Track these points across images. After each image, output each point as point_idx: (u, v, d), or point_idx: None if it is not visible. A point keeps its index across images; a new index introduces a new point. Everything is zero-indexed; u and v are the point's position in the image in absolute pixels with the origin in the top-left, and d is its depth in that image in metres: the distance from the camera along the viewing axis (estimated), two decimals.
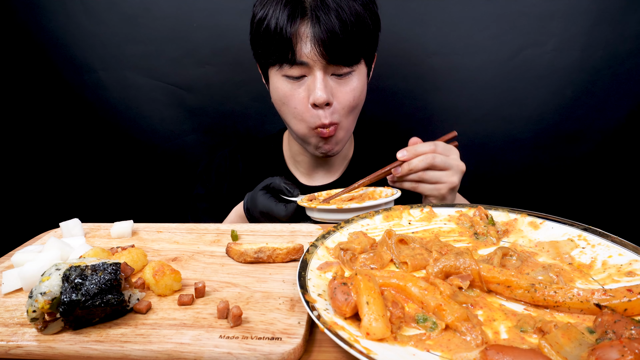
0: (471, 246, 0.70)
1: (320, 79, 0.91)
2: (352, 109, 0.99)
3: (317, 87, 0.91)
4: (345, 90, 0.95)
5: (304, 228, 0.83)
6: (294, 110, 0.97)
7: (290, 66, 0.92)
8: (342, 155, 1.19)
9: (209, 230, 0.84)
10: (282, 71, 0.94)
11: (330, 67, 0.92)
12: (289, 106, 0.97)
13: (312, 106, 0.94)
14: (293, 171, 1.22)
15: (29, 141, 1.56)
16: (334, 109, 0.95)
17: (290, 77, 0.94)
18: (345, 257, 0.65)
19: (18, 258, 0.71)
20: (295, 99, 0.95)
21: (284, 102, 0.97)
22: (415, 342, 0.47)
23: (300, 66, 0.91)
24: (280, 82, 0.96)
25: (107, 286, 0.53)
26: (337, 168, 1.20)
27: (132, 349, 0.50)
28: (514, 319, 0.51)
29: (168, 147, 1.55)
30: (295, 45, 0.89)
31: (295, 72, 0.93)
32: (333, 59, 0.90)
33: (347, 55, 0.91)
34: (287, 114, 1.00)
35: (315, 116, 0.95)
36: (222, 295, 0.61)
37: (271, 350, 0.48)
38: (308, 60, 0.90)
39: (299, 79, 0.94)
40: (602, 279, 0.59)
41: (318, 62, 0.90)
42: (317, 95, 0.91)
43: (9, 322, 0.56)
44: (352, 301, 0.50)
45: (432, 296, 0.52)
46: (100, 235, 0.85)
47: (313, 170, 1.18)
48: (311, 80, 0.93)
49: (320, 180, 1.19)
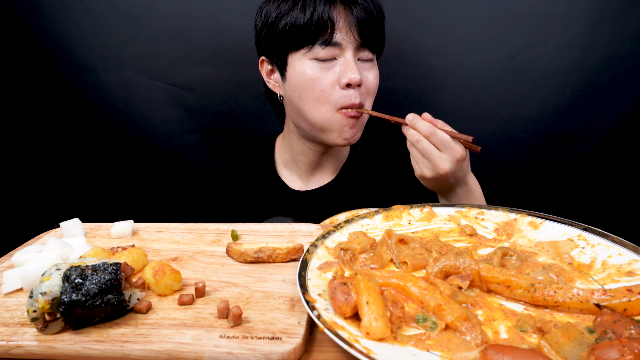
0: (471, 246, 0.70)
1: (353, 60, 0.95)
2: (373, 95, 1.02)
3: (352, 67, 0.94)
4: (370, 76, 1.00)
5: (304, 228, 0.84)
6: (320, 93, 0.96)
7: (323, 47, 0.93)
8: (340, 158, 1.18)
9: (209, 230, 0.84)
10: (312, 54, 0.94)
11: (359, 51, 0.96)
12: (314, 89, 0.96)
13: (344, 87, 0.95)
14: (285, 177, 1.19)
15: (29, 141, 1.55)
16: (362, 92, 0.98)
17: (319, 59, 0.94)
18: (345, 257, 0.65)
19: (18, 258, 0.71)
20: (323, 81, 0.95)
21: (310, 85, 0.96)
22: (415, 342, 0.47)
23: (333, 47, 0.93)
24: (307, 66, 0.95)
25: (107, 286, 0.53)
26: (334, 169, 1.19)
27: (132, 348, 0.50)
28: (513, 319, 0.51)
29: (168, 147, 1.55)
30: (331, 26, 0.92)
31: (326, 53, 0.94)
32: (365, 41, 0.95)
33: (375, 40, 0.97)
34: (309, 99, 0.97)
35: (345, 96, 0.95)
36: (222, 295, 0.61)
37: (271, 350, 0.48)
38: (342, 41, 0.93)
39: (328, 62, 0.95)
40: (602, 278, 0.59)
41: (352, 43, 0.93)
42: (352, 74, 0.93)
43: (10, 322, 0.56)
44: (352, 301, 0.50)
45: (432, 296, 0.52)
46: (100, 235, 0.85)
47: (312, 171, 1.17)
48: (343, 62, 0.95)
49: (315, 183, 1.18)
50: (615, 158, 1.41)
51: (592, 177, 1.44)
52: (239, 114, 1.50)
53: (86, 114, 1.51)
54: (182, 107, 1.50)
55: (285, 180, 1.18)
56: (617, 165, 1.41)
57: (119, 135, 1.53)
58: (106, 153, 1.57)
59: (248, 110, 1.50)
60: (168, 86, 1.47)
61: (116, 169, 1.59)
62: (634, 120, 1.35)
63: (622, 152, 1.39)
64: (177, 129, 1.53)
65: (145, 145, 1.55)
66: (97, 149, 1.56)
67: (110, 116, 1.51)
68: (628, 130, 1.36)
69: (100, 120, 1.52)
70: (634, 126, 1.36)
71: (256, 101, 1.48)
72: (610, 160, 1.41)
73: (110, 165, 1.58)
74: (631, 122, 1.35)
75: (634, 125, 1.35)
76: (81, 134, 1.54)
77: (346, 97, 0.95)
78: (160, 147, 1.55)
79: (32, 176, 1.59)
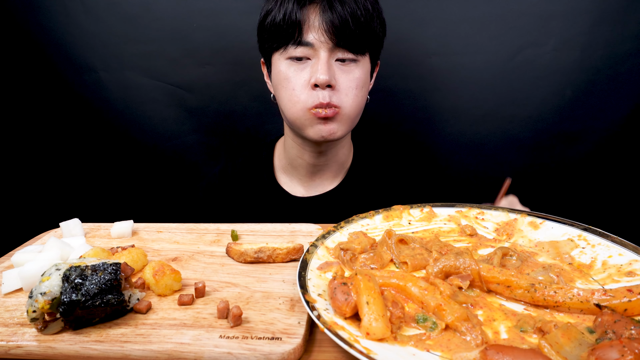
0: (471, 246, 0.70)
1: (325, 60, 0.92)
2: (354, 98, 0.98)
3: (320, 67, 0.92)
4: (348, 78, 0.96)
5: (304, 228, 0.84)
6: (291, 92, 0.96)
7: (295, 47, 0.93)
8: (341, 162, 1.15)
9: (209, 230, 0.84)
10: (286, 53, 0.94)
11: (336, 51, 0.93)
12: (286, 88, 0.96)
13: (312, 87, 0.94)
14: (284, 184, 1.16)
15: (29, 141, 1.55)
16: (335, 93, 0.95)
17: (294, 58, 0.94)
18: (345, 257, 0.65)
19: (18, 258, 0.71)
20: (295, 81, 0.95)
21: (283, 85, 0.97)
22: (415, 342, 0.47)
23: (305, 47, 0.92)
24: (282, 65, 0.96)
25: (107, 286, 0.53)
26: (336, 175, 1.16)
27: (132, 349, 0.50)
28: (514, 319, 0.51)
29: (168, 147, 1.55)
30: (302, 25, 0.91)
31: (299, 52, 0.93)
32: (340, 42, 0.92)
33: (354, 41, 0.93)
34: (284, 98, 0.98)
35: (314, 96, 0.94)
36: (222, 295, 0.61)
37: (271, 350, 0.48)
38: (314, 42, 0.91)
39: (301, 61, 0.94)
40: (602, 279, 0.59)
41: (324, 43, 0.91)
42: (319, 74, 0.91)
43: (9, 322, 0.56)
44: (352, 301, 0.50)
45: (432, 296, 0.52)
46: (100, 235, 0.85)
47: (311, 177, 1.14)
48: (315, 62, 0.93)
49: (318, 189, 1.15)
50: (615, 158, 1.41)
51: (592, 177, 1.44)
52: (239, 114, 1.50)
53: (86, 113, 1.51)
54: (182, 107, 1.50)
55: (285, 187, 1.16)
56: (617, 165, 1.41)
57: (119, 135, 1.53)
58: (106, 153, 1.57)
59: (248, 110, 1.50)
60: (168, 86, 1.47)
61: (116, 169, 1.59)
62: (634, 120, 1.35)
63: (622, 152, 1.39)
64: (177, 129, 1.53)
65: (145, 145, 1.54)
66: (97, 149, 1.56)
67: (110, 116, 1.51)
68: (628, 130, 1.36)
69: (100, 120, 1.52)
70: (634, 126, 1.36)
71: (256, 101, 1.48)
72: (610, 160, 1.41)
73: (110, 165, 1.58)
74: (631, 122, 1.35)
75: (634, 125, 1.35)
76: (81, 134, 1.54)
77: (315, 97, 0.94)
78: (160, 147, 1.54)
79: (32, 176, 1.59)
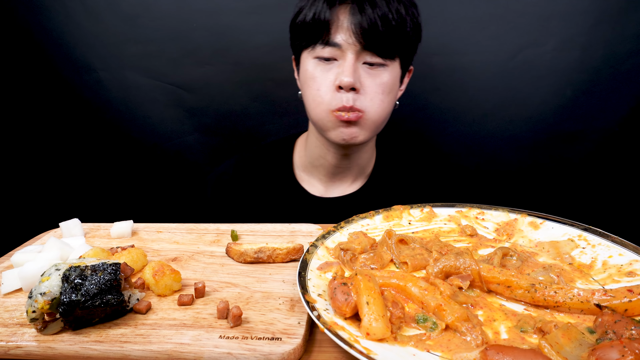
0: (471, 246, 0.70)
1: (351, 63, 0.91)
2: (380, 103, 0.96)
3: (346, 70, 0.90)
4: (375, 82, 0.94)
5: (304, 228, 0.83)
6: (316, 92, 0.95)
7: (323, 47, 0.92)
8: (362, 165, 1.13)
9: (209, 230, 0.84)
10: (314, 52, 0.94)
11: (364, 54, 0.92)
12: (311, 88, 0.96)
13: (337, 89, 0.93)
14: (303, 182, 1.15)
15: (28, 141, 1.55)
16: (360, 97, 0.94)
17: (321, 58, 0.94)
18: (345, 257, 0.65)
19: (18, 258, 0.71)
20: (320, 81, 0.94)
21: (309, 83, 0.96)
22: (415, 342, 0.47)
23: (333, 48, 0.92)
24: (309, 64, 0.96)
25: (107, 286, 0.53)
26: (357, 179, 1.14)
27: (132, 349, 0.50)
28: (514, 319, 0.51)
29: (168, 147, 1.55)
30: (331, 26, 0.90)
31: (326, 53, 0.92)
32: (368, 45, 0.90)
33: (383, 45, 0.91)
34: (309, 98, 0.98)
35: (338, 98, 0.93)
36: (222, 295, 0.61)
37: (271, 350, 0.48)
38: (342, 43, 0.90)
39: (328, 61, 0.94)
40: (603, 279, 0.59)
41: (352, 45, 0.90)
42: (344, 76, 0.90)
43: (9, 323, 0.56)
44: (352, 301, 0.50)
45: (432, 296, 0.52)
46: (100, 235, 0.85)
47: (332, 177, 1.12)
48: (341, 63, 0.92)
49: (337, 192, 1.14)
50: (615, 158, 1.41)
51: (592, 177, 1.44)
52: (239, 114, 1.50)
53: (86, 113, 1.51)
54: (182, 107, 1.50)
55: (304, 185, 1.15)
56: (617, 165, 1.41)
57: (119, 135, 1.53)
58: (106, 153, 1.57)
59: (248, 110, 1.50)
60: (168, 86, 1.47)
61: (116, 169, 1.59)
62: (634, 120, 1.35)
63: (622, 152, 1.39)
64: (177, 129, 1.53)
65: (145, 145, 1.54)
66: (97, 148, 1.56)
67: (110, 116, 1.51)
68: (628, 130, 1.37)
69: (100, 120, 1.52)
70: (634, 126, 1.36)
71: (256, 101, 1.48)
72: (610, 160, 1.41)
73: (110, 165, 1.58)
74: (631, 122, 1.35)
75: (634, 125, 1.35)
76: (81, 134, 1.54)
77: (338, 99, 0.93)
78: (160, 147, 1.55)
79: (32, 176, 1.59)
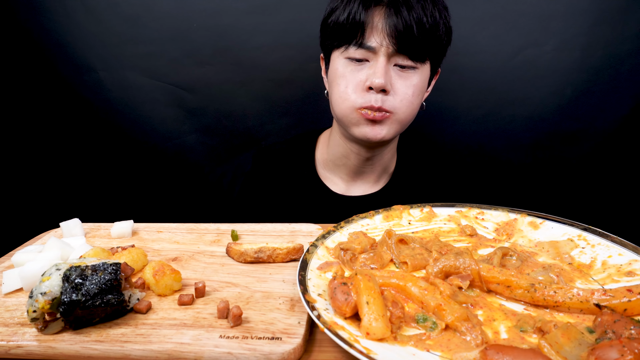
0: (471, 246, 0.70)
1: (383, 65, 0.91)
2: (409, 105, 0.97)
3: (378, 71, 0.91)
4: (405, 84, 0.95)
5: (304, 228, 0.84)
6: (344, 89, 0.95)
7: (355, 48, 0.93)
8: (384, 166, 1.14)
9: (209, 230, 0.84)
10: (346, 53, 0.94)
11: (396, 56, 0.92)
12: (340, 85, 0.96)
13: (367, 89, 0.93)
14: (325, 178, 1.16)
15: (29, 141, 1.55)
16: (389, 98, 0.94)
17: (352, 59, 0.94)
18: (345, 257, 0.65)
19: (18, 258, 0.71)
20: (350, 79, 0.95)
21: (338, 81, 0.96)
22: (415, 342, 0.47)
23: (366, 50, 0.92)
24: (340, 63, 0.96)
25: (107, 286, 0.53)
26: (379, 179, 1.15)
27: (132, 348, 0.50)
28: (513, 319, 0.51)
29: (168, 147, 1.55)
30: (365, 27, 0.90)
31: (359, 54, 0.93)
32: (401, 48, 0.90)
33: (416, 48, 0.92)
34: (335, 94, 0.98)
35: (367, 97, 0.93)
36: (222, 295, 0.61)
37: (271, 350, 0.48)
38: (375, 45, 0.90)
39: (360, 62, 0.94)
40: (602, 279, 0.59)
41: (385, 47, 0.90)
42: (376, 78, 0.90)
43: (9, 322, 0.56)
44: (352, 301, 0.50)
45: (432, 296, 0.52)
46: (100, 235, 0.85)
47: (354, 177, 1.13)
48: (373, 65, 0.93)
49: (358, 191, 1.14)
50: (615, 158, 1.41)
51: (592, 177, 1.44)
52: (239, 114, 1.50)
53: (86, 114, 1.51)
54: (182, 107, 1.50)
55: (326, 182, 1.15)
56: (617, 165, 1.41)
57: (119, 135, 1.53)
58: (106, 153, 1.57)
59: (248, 110, 1.50)
60: (168, 86, 1.47)
61: (116, 169, 1.59)
62: (634, 120, 1.35)
63: (622, 152, 1.39)
64: (177, 129, 1.53)
65: (145, 145, 1.55)
66: (97, 149, 1.56)
67: (110, 116, 1.51)
68: (628, 130, 1.37)
69: (100, 120, 1.52)
70: (634, 126, 1.36)
71: (256, 101, 1.48)
72: (610, 160, 1.41)
73: (110, 165, 1.58)
74: (631, 122, 1.36)
75: (634, 125, 1.36)
76: (81, 134, 1.54)
77: (367, 99, 0.93)
78: (160, 147, 1.55)
79: (32, 176, 1.59)
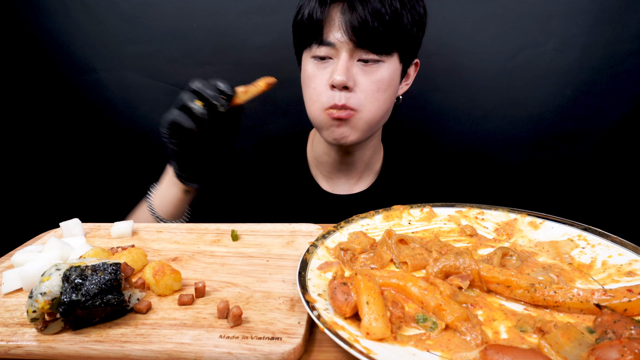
0: (471, 246, 0.70)
1: (344, 62, 0.91)
2: (375, 101, 0.96)
3: (338, 69, 0.91)
4: (369, 80, 0.94)
5: (304, 228, 0.83)
6: (312, 90, 0.97)
7: (318, 46, 0.94)
8: (366, 162, 1.13)
9: (209, 230, 0.84)
10: (311, 52, 0.96)
11: (358, 51, 0.92)
12: (309, 87, 0.98)
13: (330, 87, 0.94)
14: (315, 174, 1.17)
15: (29, 141, 1.56)
16: (353, 95, 0.94)
17: (317, 57, 0.95)
18: (345, 257, 0.65)
19: (18, 258, 0.71)
20: (317, 80, 0.96)
21: (307, 83, 0.98)
22: (415, 342, 0.47)
23: (327, 47, 0.93)
24: (308, 64, 0.98)
25: (107, 286, 0.53)
26: (362, 177, 1.15)
27: (132, 349, 0.50)
28: (513, 319, 0.51)
29: None
30: (324, 25, 0.91)
31: (322, 52, 0.94)
32: (361, 42, 0.90)
33: (376, 41, 0.91)
34: (306, 96, 1.00)
35: (331, 96, 0.94)
36: (222, 295, 0.61)
37: (271, 350, 0.48)
38: (335, 41, 0.91)
39: (324, 60, 0.95)
40: (602, 279, 0.59)
41: (345, 44, 0.91)
42: (336, 75, 0.91)
43: (9, 322, 0.56)
44: (352, 301, 0.50)
45: (432, 296, 0.52)
46: (100, 235, 0.85)
47: (336, 173, 1.14)
48: (335, 62, 0.93)
49: (342, 189, 1.15)
50: (615, 158, 1.41)
51: (592, 177, 1.44)
52: None
53: (86, 113, 1.51)
54: None
55: (317, 179, 1.17)
56: (617, 165, 1.41)
57: (119, 135, 1.53)
58: (106, 153, 1.57)
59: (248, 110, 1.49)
60: (168, 86, 1.47)
61: (116, 169, 1.59)
62: (634, 120, 1.35)
63: (622, 152, 1.39)
64: None
65: (146, 145, 1.55)
66: (97, 149, 1.56)
67: (110, 116, 1.51)
68: (628, 130, 1.37)
69: (100, 120, 1.52)
70: (634, 126, 1.36)
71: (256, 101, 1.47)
72: (610, 160, 1.41)
73: (110, 165, 1.58)
74: (631, 122, 1.36)
75: (634, 125, 1.36)
76: (81, 134, 1.54)
77: (331, 97, 0.94)
78: (161, 147, 1.55)
79: (32, 176, 1.59)
